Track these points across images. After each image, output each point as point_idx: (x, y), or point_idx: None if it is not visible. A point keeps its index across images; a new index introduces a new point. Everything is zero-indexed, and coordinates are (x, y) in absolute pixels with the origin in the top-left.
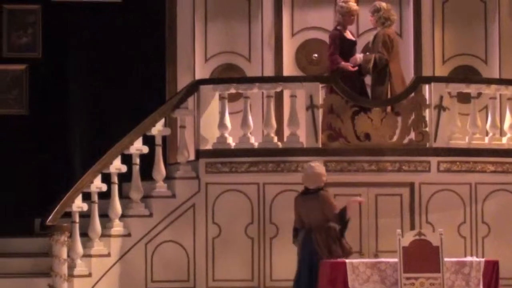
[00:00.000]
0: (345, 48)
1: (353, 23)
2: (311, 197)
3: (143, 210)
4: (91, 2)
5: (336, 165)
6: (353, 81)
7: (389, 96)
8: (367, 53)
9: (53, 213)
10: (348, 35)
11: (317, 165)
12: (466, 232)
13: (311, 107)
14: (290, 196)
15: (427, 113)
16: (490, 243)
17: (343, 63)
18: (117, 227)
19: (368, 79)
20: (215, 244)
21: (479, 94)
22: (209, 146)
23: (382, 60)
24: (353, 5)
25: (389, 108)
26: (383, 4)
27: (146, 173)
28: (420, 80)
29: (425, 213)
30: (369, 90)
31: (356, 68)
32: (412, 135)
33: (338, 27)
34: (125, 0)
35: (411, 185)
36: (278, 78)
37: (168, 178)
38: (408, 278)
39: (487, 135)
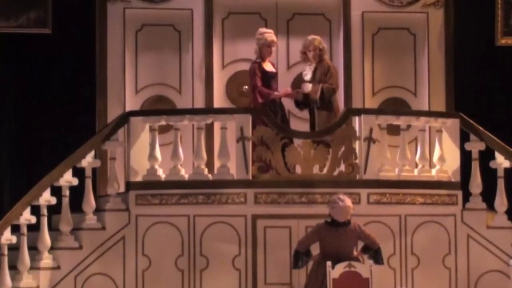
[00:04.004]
0: (265, 80)
1: (271, 54)
2: (342, 230)
3: (73, 242)
4: (20, 33)
5: (267, 197)
6: (275, 109)
7: None
8: (306, 84)
9: None
10: (268, 66)
11: (346, 197)
12: (396, 264)
13: (242, 139)
14: (221, 228)
15: (357, 145)
16: (419, 274)
17: (276, 93)
18: (46, 260)
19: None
20: (145, 277)
21: (409, 126)
22: (139, 178)
23: (330, 91)
24: (269, 35)
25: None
26: (316, 37)
27: (76, 205)
28: (350, 112)
29: None
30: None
31: (291, 93)
32: (342, 167)
33: (257, 60)
34: (54, 32)
35: None
36: (209, 110)
37: (98, 210)
38: None
39: (416, 167)
